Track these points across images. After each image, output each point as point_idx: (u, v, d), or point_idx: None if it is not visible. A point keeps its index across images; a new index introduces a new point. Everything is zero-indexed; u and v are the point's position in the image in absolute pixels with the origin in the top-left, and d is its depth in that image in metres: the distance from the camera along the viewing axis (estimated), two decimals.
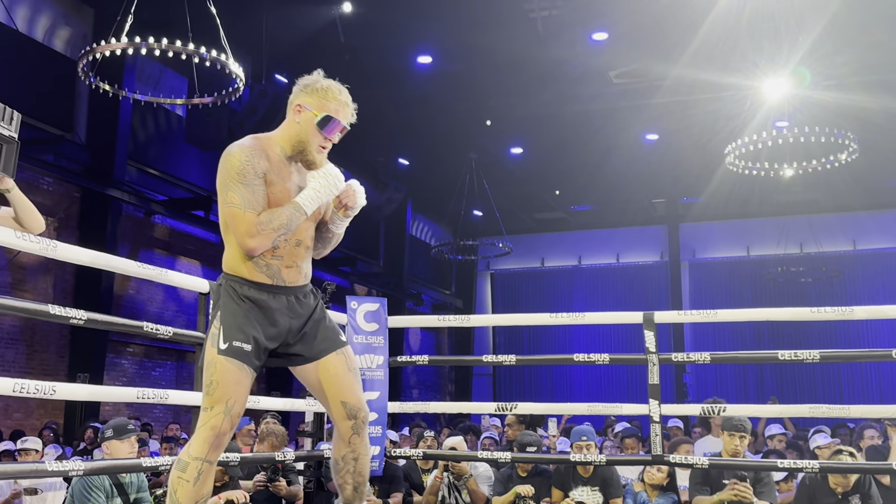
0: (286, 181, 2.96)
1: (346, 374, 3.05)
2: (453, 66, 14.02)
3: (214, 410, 2.86)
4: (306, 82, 3.09)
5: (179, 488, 2.80)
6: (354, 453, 3.03)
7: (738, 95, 12.77)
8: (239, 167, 2.88)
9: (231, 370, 2.89)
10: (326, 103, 3.04)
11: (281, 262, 2.98)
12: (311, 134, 2.99)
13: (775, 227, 18.91)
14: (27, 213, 3.60)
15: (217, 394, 2.87)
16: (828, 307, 5.07)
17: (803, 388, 19.96)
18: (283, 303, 2.98)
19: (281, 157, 2.98)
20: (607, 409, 5.75)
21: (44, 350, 12.14)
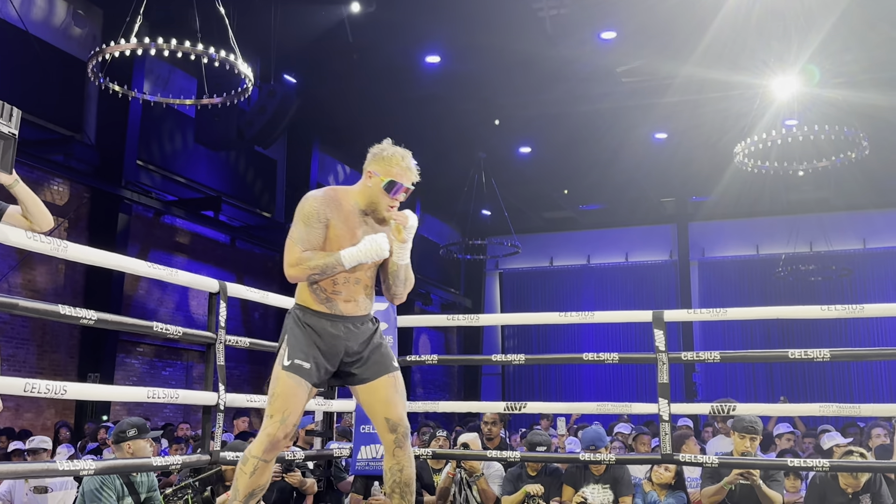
0: (354, 228, 3.41)
1: (393, 395, 3.46)
2: (462, 66, 14.02)
3: (273, 419, 3.33)
4: (375, 151, 3.53)
5: (240, 479, 3.31)
6: (399, 465, 3.41)
7: (748, 94, 12.72)
8: (307, 211, 3.39)
9: (290, 385, 3.37)
10: (391, 169, 3.46)
11: (339, 296, 3.43)
12: (380, 196, 3.44)
13: (785, 226, 18.84)
14: (35, 209, 3.60)
15: (276, 405, 3.35)
16: (838, 305, 5.06)
17: (813, 387, 19.89)
18: (340, 329, 3.42)
19: (354, 209, 3.44)
20: (616, 408, 5.75)
21: (54, 350, 12.20)
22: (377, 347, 3.50)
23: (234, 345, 4.90)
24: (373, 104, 15.14)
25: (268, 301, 5.45)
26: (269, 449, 3.32)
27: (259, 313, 16.13)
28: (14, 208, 3.65)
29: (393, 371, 3.50)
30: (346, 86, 14.52)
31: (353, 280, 3.42)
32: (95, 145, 12.65)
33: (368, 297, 3.51)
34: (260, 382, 15.88)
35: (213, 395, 4.61)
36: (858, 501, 4.86)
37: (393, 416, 3.42)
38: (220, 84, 10.18)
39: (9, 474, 4.52)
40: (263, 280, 16.13)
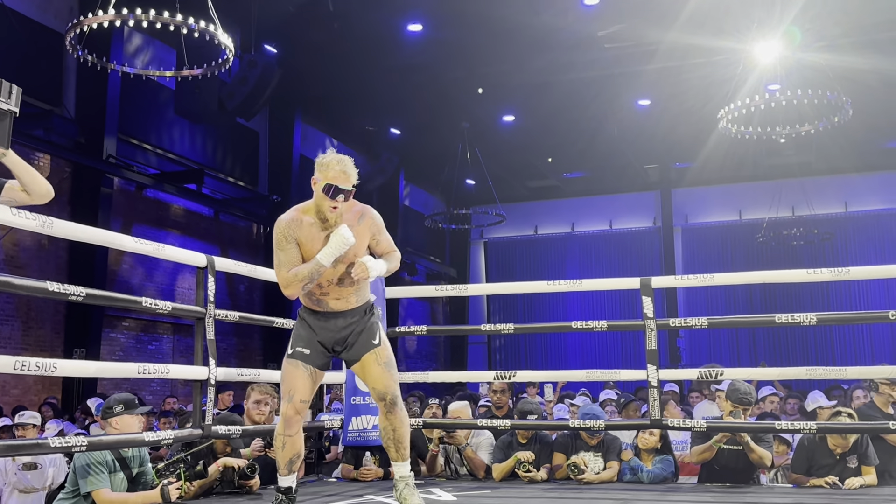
0: (315, 242, 3.77)
1: (375, 367, 3.90)
2: (444, 35, 13.90)
3: (283, 400, 3.85)
4: (318, 160, 3.80)
5: (277, 454, 3.94)
6: (392, 426, 3.91)
7: (731, 59, 12.69)
8: (278, 237, 3.80)
9: (290, 369, 3.86)
10: (328, 174, 3.71)
11: (327, 296, 3.89)
12: (322, 200, 3.73)
13: (767, 191, 18.92)
14: (30, 181, 3.52)
15: (283, 388, 3.86)
16: (823, 268, 5.10)
17: (796, 351, 20.11)
18: (331, 324, 3.90)
19: (312, 222, 3.79)
20: (605, 375, 5.80)
21: (39, 326, 12.13)
22: (361, 332, 3.93)
23: (223, 319, 4.90)
24: (355, 74, 15.01)
25: (256, 275, 5.43)
26: (287, 425, 3.83)
27: (245, 286, 16.08)
28: (13, 182, 3.58)
29: (373, 349, 3.91)
30: (328, 56, 14.37)
31: (335, 282, 3.84)
32: (75, 119, 12.49)
33: (355, 293, 3.90)
34: (247, 356, 15.88)
35: (203, 369, 4.61)
36: (846, 462, 4.93)
37: (379, 387, 3.90)
38: (200, 55, 10.05)
39: None
40: (248, 253, 16.07)
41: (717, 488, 4.89)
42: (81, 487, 4.25)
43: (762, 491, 4.87)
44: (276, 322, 5.61)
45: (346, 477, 5.61)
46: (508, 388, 6.31)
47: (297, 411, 3.83)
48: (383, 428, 3.94)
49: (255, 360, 15.89)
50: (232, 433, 4.79)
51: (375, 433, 5.59)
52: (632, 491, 4.81)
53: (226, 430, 4.73)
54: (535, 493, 4.75)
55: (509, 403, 6.30)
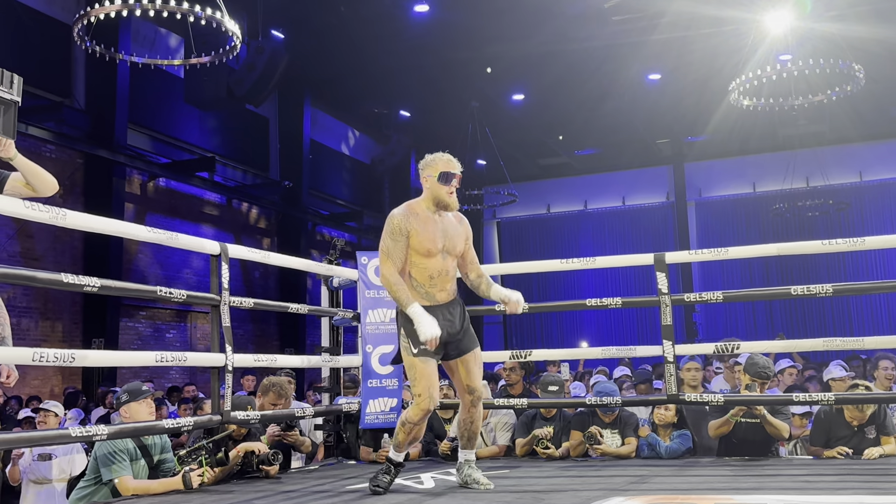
0: (432, 230, 4.16)
1: (474, 367, 4.28)
2: (451, 14, 13.82)
3: (422, 397, 4.09)
4: (421, 164, 4.30)
5: (400, 435, 4.22)
6: (471, 418, 4.29)
7: (741, 30, 12.57)
8: (393, 227, 4.15)
9: (424, 368, 4.11)
10: (437, 166, 4.24)
11: (435, 289, 4.21)
12: (439, 189, 4.20)
13: (781, 162, 18.78)
14: (35, 177, 3.58)
15: (421, 385, 4.10)
16: (839, 239, 5.06)
17: (813, 322, 20.03)
18: (439, 317, 4.11)
19: (427, 214, 4.20)
20: (621, 351, 5.79)
21: (57, 317, 12.23)
22: (467, 329, 4.30)
23: (238, 305, 4.91)
24: (363, 57, 14.96)
25: (269, 261, 5.44)
26: (423, 417, 4.15)
27: (259, 272, 16.14)
28: (16, 175, 3.63)
29: (476, 348, 4.30)
30: (335, 39, 14.33)
31: (443, 273, 4.21)
32: (86, 110, 12.53)
33: (454, 284, 4.30)
34: (263, 342, 15.97)
35: (220, 356, 4.63)
36: (864, 433, 4.92)
37: (472, 384, 4.26)
38: (207, 43, 10.05)
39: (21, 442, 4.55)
40: (260, 239, 16.12)
41: (736, 461, 4.89)
42: (104, 475, 4.29)
43: (781, 463, 4.87)
44: (291, 308, 5.63)
45: (365, 459, 5.63)
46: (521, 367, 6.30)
47: (435, 404, 4.16)
48: (464, 419, 4.31)
49: (272, 346, 15.97)
50: (251, 419, 4.82)
51: (393, 415, 5.62)
52: (650, 466, 4.82)
53: (244, 415, 4.76)
54: (553, 471, 4.76)
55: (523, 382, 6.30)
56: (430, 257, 4.17)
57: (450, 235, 4.22)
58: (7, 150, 3.36)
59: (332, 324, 5.90)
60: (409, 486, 4.34)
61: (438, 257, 4.19)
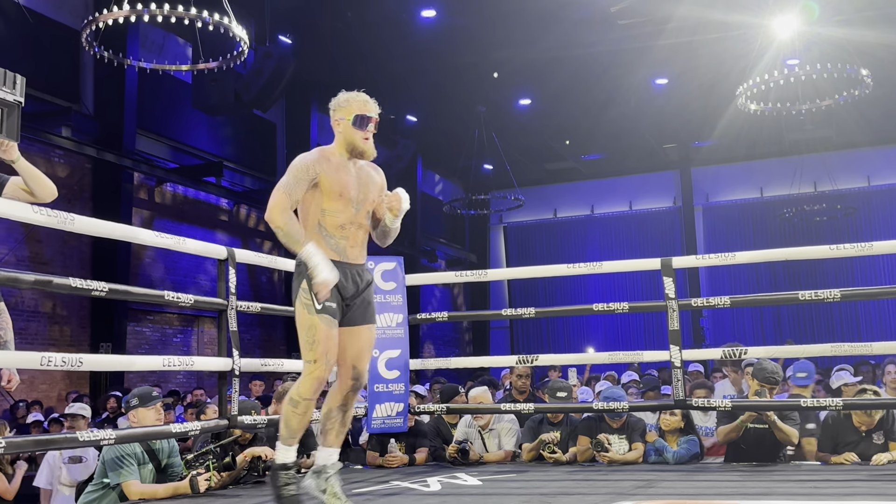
0: (345, 178, 3.70)
1: (366, 347, 3.77)
2: (458, 19, 13.84)
3: (318, 363, 3.56)
4: (332, 104, 3.87)
5: (292, 419, 3.59)
6: (346, 406, 3.72)
7: (748, 34, 12.56)
8: (298, 166, 3.66)
9: (326, 328, 3.58)
10: (351, 107, 3.81)
11: (346, 241, 3.70)
12: (353, 134, 3.76)
13: (788, 167, 18.72)
14: (36, 182, 3.61)
15: (319, 349, 3.56)
16: (847, 244, 5.06)
17: (821, 327, 19.95)
18: (346, 276, 3.66)
19: (341, 161, 3.74)
20: (628, 356, 5.79)
21: (65, 322, 12.27)
22: (370, 301, 3.80)
23: (245, 310, 4.93)
24: (370, 62, 14.98)
25: (276, 265, 5.46)
26: (318, 389, 3.60)
27: (266, 277, 16.17)
28: (16, 179, 3.65)
29: (374, 323, 3.82)
30: (343, 44, 14.36)
31: (357, 224, 3.73)
32: (94, 115, 12.57)
33: (365, 244, 3.82)
34: (271, 346, 15.98)
35: (227, 360, 4.65)
36: (871, 439, 4.90)
37: (360, 366, 3.73)
38: (215, 48, 10.08)
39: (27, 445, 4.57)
40: (267, 243, 16.14)
41: (744, 467, 4.88)
42: (111, 479, 4.31)
43: (789, 469, 4.85)
44: None
45: (371, 464, 5.64)
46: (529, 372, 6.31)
47: (326, 377, 3.61)
48: (336, 406, 3.70)
49: (279, 351, 15.99)
50: (257, 423, 4.83)
51: (400, 420, 5.62)
52: (658, 472, 4.81)
53: (251, 420, 4.77)
54: (560, 476, 4.76)
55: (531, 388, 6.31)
56: (342, 204, 3.67)
57: (364, 185, 3.75)
58: (9, 152, 3.38)
59: None
60: (415, 489, 4.34)
61: (351, 207, 3.70)
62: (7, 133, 3.14)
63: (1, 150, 3.35)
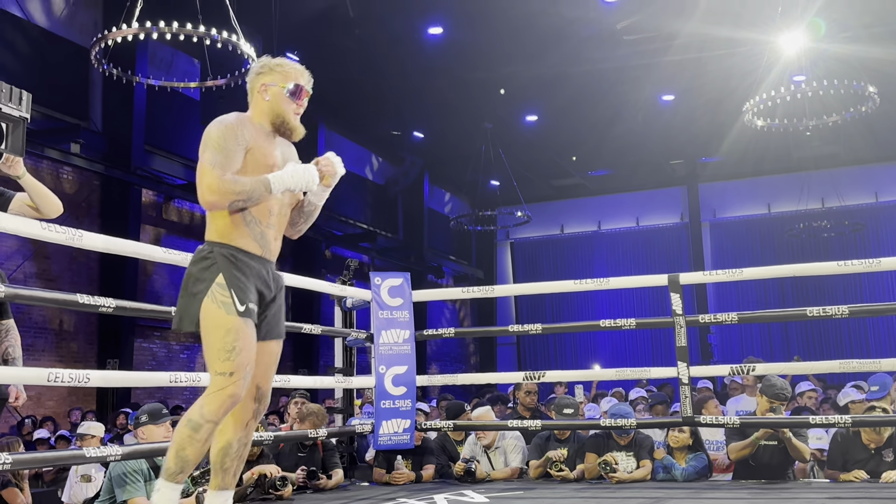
0: (271, 150, 3.13)
1: (274, 363, 3.17)
2: (465, 36, 13.90)
3: (234, 376, 2.88)
4: (259, 67, 3.24)
5: (190, 448, 2.85)
6: (246, 438, 3.08)
7: (754, 51, 12.58)
8: (218, 135, 3.02)
9: (248, 334, 2.94)
10: (287, 73, 3.20)
11: (272, 232, 3.10)
12: (284, 105, 3.16)
13: (795, 183, 18.70)
14: (42, 198, 3.61)
15: (237, 360, 2.89)
16: (854, 260, 5.04)
17: (829, 344, 19.86)
18: (265, 275, 3.09)
19: (262, 131, 3.15)
20: (636, 373, 5.76)
21: (72, 338, 12.29)
22: (280, 306, 3.21)
23: None
24: (377, 78, 15.05)
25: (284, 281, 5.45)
26: (228, 410, 2.91)
27: None
28: (21, 195, 3.66)
29: (283, 337, 3.23)
30: (350, 61, 14.43)
31: (283, 213, 3.16)
32: (103, 132, 12.64)
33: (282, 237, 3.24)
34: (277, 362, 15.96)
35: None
36: (881, 456, 4.86)
37: (264, 386, 3.11)
38: (223, 65, 10.14)
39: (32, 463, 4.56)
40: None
41: (754, 485, 4.85)
42: (118, 496, 4.30)
43: (798, 486, 4.82)
44: (305, 328, 5.64)
45: (378, 481, 5.62)
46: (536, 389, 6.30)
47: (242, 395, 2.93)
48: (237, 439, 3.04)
49: (286, 367, 15.97)
50: (264, 440, 4.82)
51: (406, 436, 5.61)
52: (666, 489, 4.78)
53: (258, 436, 4.76)
54: (568, 493, 4.73)
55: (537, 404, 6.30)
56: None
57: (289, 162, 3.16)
58: (15, 168, 3.39)
59: (345, 344, 5.91)
60: None
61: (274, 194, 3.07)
62: (12, 148, 3.15)
63: (6, 166, 3.36)
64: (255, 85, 3.21)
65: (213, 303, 2.93)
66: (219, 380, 2.88)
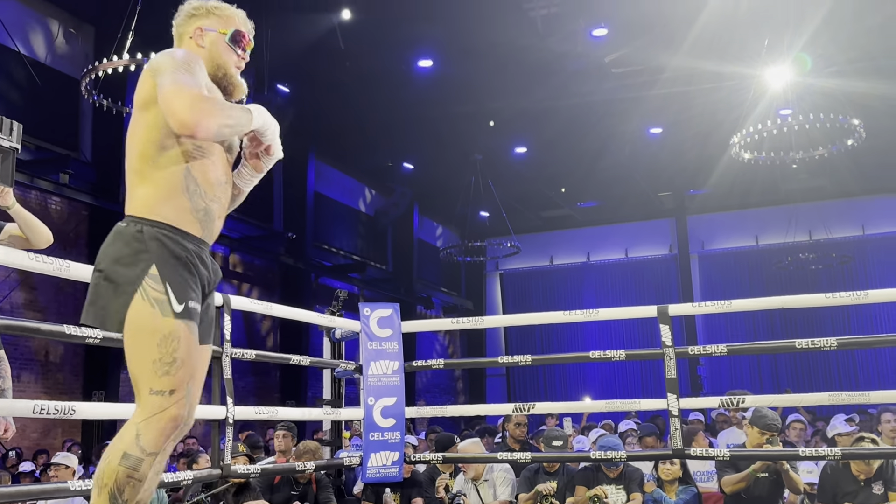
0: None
1: (203, 374, 2.55)
2: (454, 69, 14.01)
3: (175, 395, 2.34)
4: (194, 6, 2.67)
5: (128, 488, 2.28)
6: (160, 465, 2.45)
7: (741, 84, 12.72)
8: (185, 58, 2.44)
9: (192, 341, 2.39)
10: (231, 19, 2.69)
11: (217, 207, 2.53)
12: (224, 54, 2.66)
13: (783, 216, 18.83)
14: (31, 228, 3.62)
15: (180, 374, 2.34)
16: (842, 292, 5.06)
17: (818, 376, 19.87)
18: (205, 258, 2.52)
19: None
20: (625, 405, 5.75)
21: (58, 370, 12.18)
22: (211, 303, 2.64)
23: (239, 357, 4.90)
24: (367, 110, 15.13)
25: (272, 312, 5.44)
26: (169, 437, 2.37)
27: (261, 324, 16.11)
28: (11, 226, 3.66)
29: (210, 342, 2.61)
30: (340, 93, 14.51)
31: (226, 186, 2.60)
32: (92, 162, 12.64)
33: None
34: (264, 394, 15.87)
35: (221, 408, 4.61)
36: (871, 488, 4.85)
37: (195, 399, 2.48)
38: None
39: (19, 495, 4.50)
40: (265, 291, 16.12)
41: None
42: None
43: None
44: (293, 359, 5.61)
45: None
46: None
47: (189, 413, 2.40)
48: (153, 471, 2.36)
49: (273, 399, 15.87)
50: (251, 472, 4.77)
51: (395, 469, 5.56)
52: None
53: (244, 469, 4.71)
54: None
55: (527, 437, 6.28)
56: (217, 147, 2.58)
57: None
58: (5, 198, 3.39)
59: (333, 376, 5.88)
60: None
61: (224, 155, 2.62)
62: (1, 179, 3.15)
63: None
64: (188, 29, 2.63)
65: (145, 300, 2.33)
66: (155, 400, 2.33)
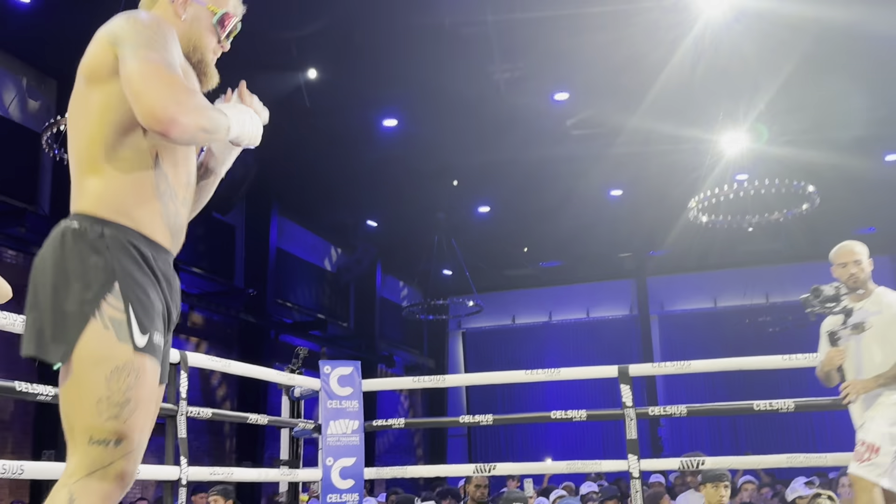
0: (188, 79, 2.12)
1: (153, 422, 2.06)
2: (419, 129, 14.18)
3: (124, 445, 1.87)
4: None
5: None
6: None
7: (698, 148, 13.00)
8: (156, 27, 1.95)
9: (152, 382, 1.92)
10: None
11: (185, 212, 2.13)
12: (205, 34, 2.19)
13: (740, 278, 19.13)
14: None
15: (135, 418, 1.87)
16: (799, 354, 5.14)
17: (776, 437, 19.96)
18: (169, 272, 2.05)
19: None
20: (586, 466, 5.72)
21: (7, 427, 11.83)
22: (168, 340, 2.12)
23: (195, 416, 4.81)
24: (331, 168, 15.20)
25: (230, 370, 5.37)
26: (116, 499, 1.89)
27: (217, 381, 15.85)
28: None
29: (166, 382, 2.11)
30: (305, 150, 14.58)
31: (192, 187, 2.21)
32: (50, 216, 12.48)
33: None
34: (219, 454, 15.54)
35: (174, 469, 4.50)
36: None
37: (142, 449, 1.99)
38: None
39: None
40: (223, 348, 15.90)
41: None
42: None
43: None
44: (251, 418, 5.53)
45: None
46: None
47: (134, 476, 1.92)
48: None
49: (229, 458, 15.54)
50: None
51: None
52: None
53: None
54: None
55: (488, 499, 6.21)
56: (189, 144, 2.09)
57: None
58: None
59: (292, 435, 5.78)
60: None
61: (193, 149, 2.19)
62: None
63: None
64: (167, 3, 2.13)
65: (98, 320, 1.88)
66: (97, 452, 1.87)
